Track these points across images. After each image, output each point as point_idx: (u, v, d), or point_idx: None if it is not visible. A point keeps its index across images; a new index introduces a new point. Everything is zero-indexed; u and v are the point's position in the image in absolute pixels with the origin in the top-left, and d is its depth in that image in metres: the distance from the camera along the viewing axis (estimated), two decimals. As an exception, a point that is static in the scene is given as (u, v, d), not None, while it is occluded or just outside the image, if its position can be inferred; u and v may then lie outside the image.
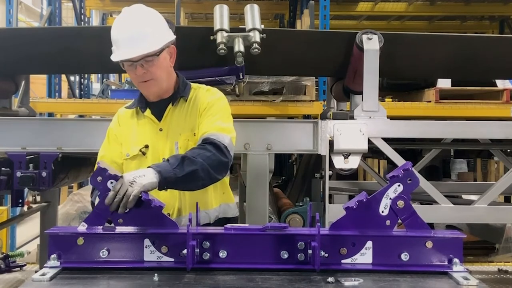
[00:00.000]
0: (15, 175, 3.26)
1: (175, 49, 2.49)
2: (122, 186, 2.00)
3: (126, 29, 2.36)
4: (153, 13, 2.44)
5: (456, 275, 1.85)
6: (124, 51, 2.34)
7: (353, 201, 1.96)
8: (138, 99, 2.55)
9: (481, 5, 9.08)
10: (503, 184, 3.41)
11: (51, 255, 1.93)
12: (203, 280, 1.82)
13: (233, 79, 3.58)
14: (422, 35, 3.68)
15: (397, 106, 5.37)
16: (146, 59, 2.34)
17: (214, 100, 2.50)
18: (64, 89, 8.56)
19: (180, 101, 2.50)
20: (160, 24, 2.43)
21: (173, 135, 2.45)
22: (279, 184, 6.26)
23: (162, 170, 2.11)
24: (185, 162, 2.18)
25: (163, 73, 2.42)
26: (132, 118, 2.53)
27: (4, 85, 3.79)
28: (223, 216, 2.56)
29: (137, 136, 2.49)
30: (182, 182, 2.19)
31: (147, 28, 2.36)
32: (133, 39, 2.33)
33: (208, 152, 2.27)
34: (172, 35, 2.48)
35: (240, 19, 8.26)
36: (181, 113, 2.48)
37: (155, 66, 2.37)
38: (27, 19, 16.44)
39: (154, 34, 2.37)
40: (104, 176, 2.04)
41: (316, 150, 3.29)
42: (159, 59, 2.37)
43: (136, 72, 2.37)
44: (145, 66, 2.35)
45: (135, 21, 2.37)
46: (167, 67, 2.45)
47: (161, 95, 2.48)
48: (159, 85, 2.43)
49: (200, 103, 2.48)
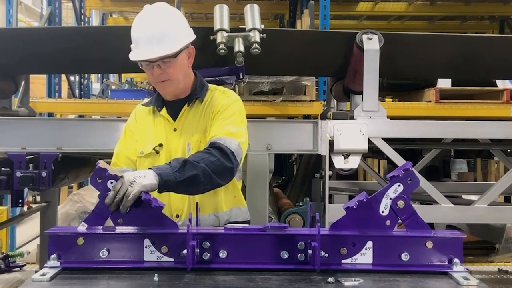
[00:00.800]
0: (15, 175, 3.26)
1: (194, 49, 2.47)
2: (122, 186, 2.00)
3: (146, 28, 2.34)
4: (175, 12, 2.43)
5: (456, 275, 1.85)
6: (143, 51, 2.33)
7: (353, 201, 1.95)
8: (155, 98, 2.54)
9: (481, 5, 9.08)
10: (503, 184, 3.41)
11: (51, 255, 1.93)
12: (203, 280, 1.82)
13: (233, 79, 3.59)
14: (422, 35, 3.68)
15: (397, 106, 5.36)
16: (164, 60, 2.32)
17: (228, 103, 2.47)
18: (64, 89, 8.55)
19: (196, 102, 2.48)
20: (181, 24, 2.41)
21: (186, 136, 2.44)
22: (279, 184, 6.27)
23: (162, 173, 2.11)
24: (186, 166, 2.17)
25: (180, 74, 2.40)
26: (149, 116, 2.52)
27: (4, 85, 3.80)
28: (234, 220, 2.52)
29: (152, 134, 2.48)
30: (182, 186, 2.18)
31: (167, 29, 2.34)
32: (152, 39, 2.31)
33: (213, 157, 2.24)
34: (193, 35, 2.46)
35: (240, 19, 8.26)
36: (195, 114, 2.47)
37: (173, 68, 2.35)
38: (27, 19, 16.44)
39: (173, 35, 2.34)
40: (104, 176, 2.04)
41: (316, 150, 3.29)
42: (177, 60, 2.36)
43: (153, 73, 2.36)
44: (162, 67, 2.34)
45: (156, 20, 2.35)
46: (185, 67, 2.43)
47: (177, 95, 2.47)
48: (175, 85, 2.42)
49: (215, 105, 2.46)
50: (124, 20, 10.27)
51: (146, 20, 2.37)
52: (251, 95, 4.99)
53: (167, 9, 2.40)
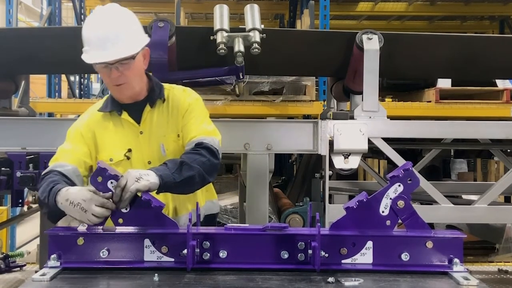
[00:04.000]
0: (15, 175, 3.26)
1: (149, 51, 2.42)
2: (128, 182, 2.01)
3: (102, 29, 2.26)
4: (129, 14, 2.37)
5: (456, 275, 1.85)
6: (100, 53, 2.25)
7: (354, 201, 1.96)
8: (110, 102, 2.44)
9: (481, 5, 9.08)
10: (503, 184, 3.41)
11: (51, 255, 1.93)
12: (203, 280, 1.82)
13: (233, 79, 3.58)
14: (422, 35, 3.68)
15: (397, 106, 5.36)
16: (122, 62, 2.26)
17: (193, 101, 2.47)
18: (64, 89, 8.55)
19: (158, 103, 2.44)
20: (136, 26, 2.36)
21: (157, 138, 2.40)
22: (279, 184, 6.26)
23: (163, 175, 2.12)
24: (183, 168, 2.20)
25: (137, 76, 2.35)
26: (108, 121, 2.44)
27: (4, 85, 3.80)
28: (209, 213, 2.61)
29: (117, 140, 2.42)
30: (179, 186, 2.20)
31: (123, 30, 2.28)
32: (109, 41, 2.24)
33: (203, 157, 2.28)
34: (147, 37, 2.41)
35: (240, 19, 8.25)
36: (161, 115, 2.44)
37: (131, 70, 2.30)
38: (27, 19, 16.43)
39: (131, 36, 2.29)
40: (104, 176, 2.04)
41: (316, 150, 3.29)
42: (135, 63, 2.30)
43: (110, 75, 2.28)
44: (120, 69, 2.27)
45: (111, 21, 2.28)
46: (141, 70, 2.38)
47: (134, 97, 2.40)
48: (132, 88, 2.36)
49: (181, 104, 2.44)
50: (124, 20, 10.25)
51: (101, 21, 2.29)
52: (251, 95, 4.99)
53: (121, 10, 2.34)
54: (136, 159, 2.40)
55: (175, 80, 3.27)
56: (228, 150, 3.40)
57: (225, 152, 2.51)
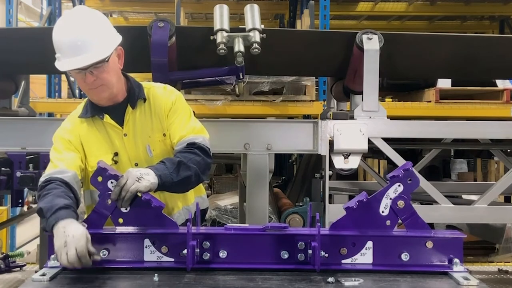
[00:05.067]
0: (15, 175, 3.26)
1: (123, 51, 2.37)
2: (128, 181, 2.01)
3: (71, 35, 2.21)
4: (98, 15, 2.32)
5: (456, 275, 1.85)
6: (72, 60, 2.20)
7: (354, 201, 1.96)
8: (90, 107, 2.40)
9: (481, 5, 9.07)
10: (503, 184, 3.41)
11: (51, 255, 1.93)
12: (203, 280, 1.82)
13: (233, 79, 3.59)
14: (422, 35, 3.68)
15: (397, 106, 5.37)
16: (96, 65, 2.22)
17: (176, 99, 2.44)
18: (64, 89, 8.54)
19: (139, 103, 2.41)
20: (106, 27, 2.31)
21: (142, 139, 2.38)
22: (279, 184, 6.26)
23: (162, 174, 2.13)
24: (181, 167, 2.20)
25: (114, 77, 2.31)
26: (91, 127, 2.40)
27: (4, 85, 3.79)
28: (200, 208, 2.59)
29: (103, 145, 2.39)
30: (176, 186, 2.21)
31: (93, 33, 2.22)
32: (79, 47, 2.19)
33: (198, 156, 2.29)
34: (119, 36, 2.35)
35: (240, 19, 8.25)
36: (144, 115, 2.41)
37: (106, 72, 2.25)
38: (27, 19, 16.41)
39: (101, 39, 2.24)
40: (104, 176, 2.04)
41: (316, 150, 3.28)
42: (109, 64, 2.25)
43: (85, 80, 2.24)
44: (95, 73, 2.23)
45: (80, 26, 2.23)
46: (117, 70, 2.34)
47: (112, 99, 2.36)
48: (110, 90, 2.31)
49: (163, 102, 2.42)
50: (124, 20, 10.25)
51: (69, 26, 2.24)
52: (251, 95, 5.00)
53: (89, 13, 2.29)
54: (123, 162, 2.37)
55: (175, 80, 3.28)
56: (228, 150, 3.41)
57: (225, 152, 2.51)
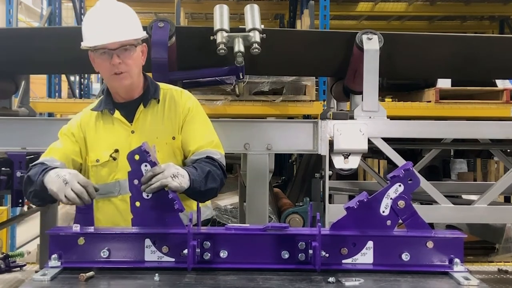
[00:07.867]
0: (15, 175, 3.26)
1: (146, 49, 2.43)
2: (163, 173, 2.00)
3: (104, 17, 2.26)
4: (129, 8, 2.38)
5: (457, 275, 1.85)
6: (101, 36, 2.22)
7: (354, 201, 1.95)
8: (104, 101, 2.41)
9: (481, 5, 9.08)
10: (503, 184, 3.41)
11: (51, 255, 1.93)
12: (204, 280, 1.82)
13: (233, 79, 3.59)
14: (422, 35, 3.68)
15: (397, 106, 5.37)
16: (125, 47, 2.25)
17: (193, 106, 2.45)
18: (64, 89, 8.55)
19: (152, 103, 2.40)
20: (136, 19, 2.38)
21: (149, 139, 2.32)
22: (279, 184, 6.27)
23: (194, 180, 2.15)
24: (209, 178, 2.24)
25: (137, 68, 2.34)
26: (98, 121, 2.40)
27: (4, 85, 3.79)
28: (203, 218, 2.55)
29: (105, 140, 2.38)
30: (199, 194, 2.23)
31: (125, 18, 2.30)
32: (112, 26, 2.24)
33: (218, 170, 2.33)
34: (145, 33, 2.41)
35: (240, 19, 8.25)
36: (156, 115, 2.40)
37: (132, 58, 2.28)
38: (27, 19, 16.42)
39: (133, 24, 2.32)
40: (143, 158, 2.01)
41: (316, 150, 3.28)
42: (136, 52, 2.30)
43: (111, 61, 2.24)
44: (121, 57, 2.25)
45: (113, 11, 2.29)
46: (140, 64, 2.37)
47: (130, 92, 2.37)
48: (132, 79, 2.32)
49: (180, 106, 2.42)
50: (124, 20, 10.25)
51: (102, 11, 2.29)
52: (251, 95, 5.00)
53: (122, 4, 2.35)
54: (123, 159, 2.28)
55: (175, 80, 3.28)
56: (228, 150, 3.39)
57: (225, 152, 2.51)
